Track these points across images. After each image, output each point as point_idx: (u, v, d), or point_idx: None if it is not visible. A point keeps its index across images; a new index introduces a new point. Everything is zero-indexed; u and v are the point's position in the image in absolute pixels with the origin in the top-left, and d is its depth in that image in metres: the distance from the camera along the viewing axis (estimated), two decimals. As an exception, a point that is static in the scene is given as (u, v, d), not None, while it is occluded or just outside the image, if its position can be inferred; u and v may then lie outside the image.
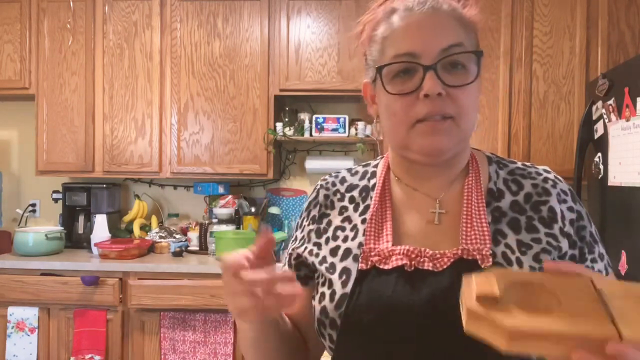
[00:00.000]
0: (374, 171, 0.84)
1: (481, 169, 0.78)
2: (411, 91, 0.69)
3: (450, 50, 0.69)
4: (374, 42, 0.76)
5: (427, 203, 0.77)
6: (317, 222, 0.82)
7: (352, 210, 0.81)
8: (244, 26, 2.85)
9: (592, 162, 2.16)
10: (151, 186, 3.25)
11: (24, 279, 2.57)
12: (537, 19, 2.70)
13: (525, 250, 0.70)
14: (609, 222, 2.06)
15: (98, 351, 2.54)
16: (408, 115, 0.70)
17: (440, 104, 0.68)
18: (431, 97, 0.68)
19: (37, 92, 2.93)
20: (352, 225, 0.79)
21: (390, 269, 0.70)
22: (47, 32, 2.92)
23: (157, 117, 2.89)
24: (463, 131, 0.71)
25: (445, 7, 0.72)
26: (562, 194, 0.75)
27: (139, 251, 2.75)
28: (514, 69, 2.72)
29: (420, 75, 0.69)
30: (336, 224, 0.80)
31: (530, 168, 0.79)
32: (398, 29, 0.72)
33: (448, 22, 0.71)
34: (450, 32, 0.70)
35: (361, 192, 0.82)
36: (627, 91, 1.87)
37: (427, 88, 0.67)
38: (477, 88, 0.72)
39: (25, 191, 3.33)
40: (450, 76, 0.69)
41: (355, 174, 0.85)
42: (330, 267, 0.76)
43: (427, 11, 0.71)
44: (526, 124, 2.71)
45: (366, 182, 0.83)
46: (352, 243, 0.77)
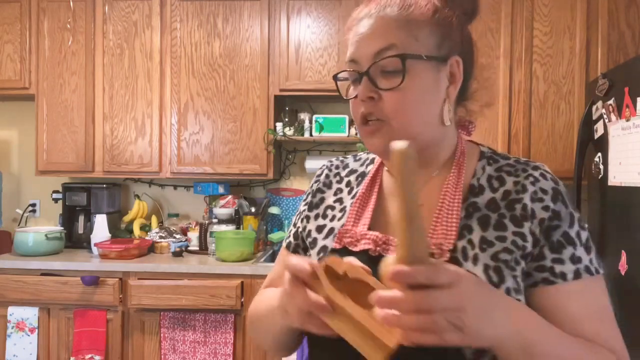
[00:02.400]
0: (374, 158, 0.88)
1: (468, 165, 0.79)
2: (355, 95, 0.74)
3: (380, 55, 0.72)
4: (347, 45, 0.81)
5: None
6: (313, 196, 0.89)
7: (345, 193, 0.86)
8: (244, 26, 2.85)
9: (592, 162, 2.16)
10: (151, 186, 3.26)
11: (24, 279, 2.57)
12: (537, 19, 2.70)
13: (486, 248, 0.70)
14: (609, 222, 2.06)
15: (98, 351, 2.54)
16: (355, 116, 0.76)
17: (372, 108, 0.72)
18: (365, 101, 0.72)
19: (37, 92, 2.93)
20: (342, 207, 0.84)
21: (358, 251, 0.74)
22: (47, 32, 2.92)
23: (157, 117, 2.89)
24: (401, 132, 0.71)
25: (388, 10, 0.73)
26: (539, 192, 0.73)
27: (139, 251, 2.75)
28: (514, 69, 2.72)
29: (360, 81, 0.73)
30: (328, 202, 0.86)
31: (522, 165, 0.78)
32: (350, 37, 0.77)
33: (385, 26, 0.72)
34: (382, 36, 0.72)
35: (358, 177, 0.86)
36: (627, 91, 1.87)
37: (359, 93, 0.73)
38: (421, 86, 0.72)
39: (25, 191, 3.33)
40: (384, 79, 0.72)
41: (358, 160, 0.90)
42: (312, 242, 0.83)
43: (370, 18, 0.74)
44: (526, 124, 2.71)
45: (364, 169, 0.87)
46: (337, 223, 0.82)
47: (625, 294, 1.90)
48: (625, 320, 1.89)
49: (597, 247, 2.15)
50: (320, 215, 0.85)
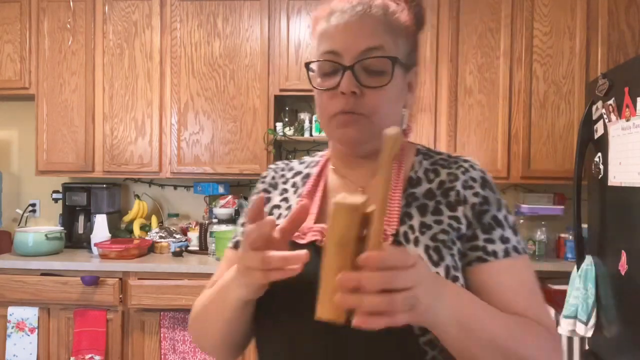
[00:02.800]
0: (319, 160, 0.92)
1: (406, 160, 0.86)
2: (332, 87, 0.76)
3: (368, 53, 0.75)
4: (315, 38, 0.83)
5: (352, 189, 0.84)
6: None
7: (291, 193, 0.89)
8: (244, 26, 2.85)
9: (592, 162, 2.16)
10: (151, 186, 3.25)
11: (24, 279, 2.57)
12: (537, 19, 2.70)
13: (425, 231, 0.77)
14: (609, 222, 2.06)
15: (98, 351, 2.54)
16: (329, 108, 0.78)
17: (354, 102, 0.75)
18: (347, 94, 0.75)
19: (37, 92, 2.93)
20: (288, 205, 0.87)
21: (305, 243, 0.77)
22: (47, 32, 2.92)
23: (157, 117, 2.89)
24: (378, 127, 0.76)
25: (374, 11, 0.77)
26: (470, 180, 0.81)
27: (139, 251, 2.75)
28: (514, 69, 2.72)
29: (340, 74, 0.75)
30: (275, 202, 0.88)
31: (453, 158, 0.86)
32: (330, 28, 0.78)
33: (374, 26, 0.77)
34: (372, 36, 0.76)
35: (303, 177, 0.90)
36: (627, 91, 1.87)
37: (342, 87, 0.75)
38: (396, 92, 0.79)
39: (25, 191, 3.33)
40: (368, 77, 0.75)
41: (302, 163, 0.94)
42: None
43: (356, 14, 0.77)
44: (526, 124, 2.71)
45: (309, 170, 0.91)
46: (283, 220, 0.82)
47: (625, 294, 1.90)
48: (626, 320, 1.89)
49: (597, 247, 2.16)
50: (267, 214, 0.86)
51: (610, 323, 1.99)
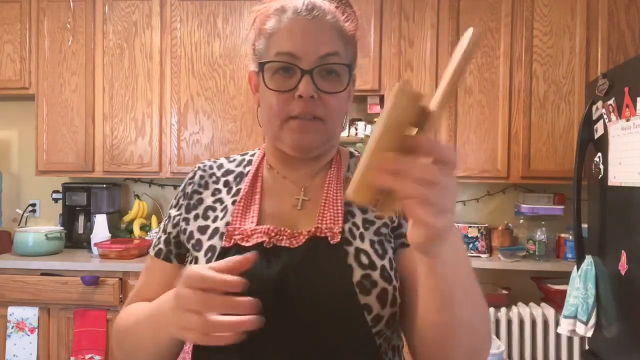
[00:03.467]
0: (251, 159, 0.91)
1: (343, 162, 0.89)
2: (288, 90, 0.76)
3: (326, 58, 0.76)
4: (261, 35, 0.82)
5: (293, 190, 0.85)
6: (189, 198, 0.88)
7: (225, 193, 0.86)
8: (243, 26, 2.85)
9: (592, 162, 2.16)
10: (151, 186, 3.26)
11: (24, 279, 2.57)
12: (537, 19, 2.70)
13: (368, 227, 0.79)
14: (609, 222, 2.06)
15: (98, 351, 2.54)
16: (283, 111, 0.77)
17: (312, 106, 0.76)
18: (305, 98, 0.75)
19: (37, 92, 2.92)
20: (222, 206, 0.84)
21: (250, 245, 0.76)
22: (47, 32, 2.92)
23: (157, 117, 2.89)
24: (330, 131, 0.80)
25: (329, 17, 0.79)
26: None
27: (139, 251, 2.75)
28: (514, 69, 2.72)
29: (297, 77, 0.76)
30: (207, 203, 0.86)
31: None
32: (284, 29, 0.78)
33: (329, 31, 0.78)
34: (329, 42, 0.77)
35: (236, 177, 0.88)
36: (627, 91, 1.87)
37: (302, 90, 0.75)
38: (347, 95, 0.81)
39: (25, 191, 3.33)
40: (324, 82, 0.76)
41: (232, 161, 0.92)
42: (196, 243, 0.82)
43: (312, 19, 0.77)
44: (526, 124, 2.71)
45: (242, 169, 0.90)
46: (220, 222, 0.82)
47: (625, 294, 1.90)
48: (626, 320, 1.89)
49: (597, 247, 2.16)
50: (200, 216, 0.85)
51: (610, 323, 1.99)
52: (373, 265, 0.75)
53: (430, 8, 2.75)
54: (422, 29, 2.77)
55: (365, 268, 0.74)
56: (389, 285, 0.74)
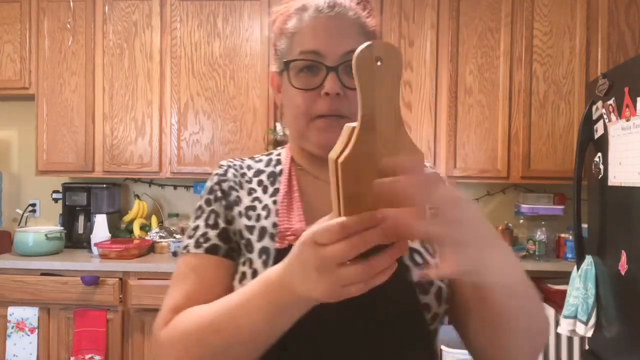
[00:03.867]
0: (279, 159, 0.89)
1: None
2: (314, 88, 0.75)
3: (351, 54, 0.75)
4: (283, 35, 0.81)
5: (327, 189, 0.83)
6: (227, 195, 0.83)
7: (261, 192, 0.84)
8: (243, 26, 2.85)
9: (592, 162, 2.16)
10: (151, 186, 3.25)
11: (24, 279, 2.57)
12: (537, 19, 2.70)
13: None
14: (609, 222, 2.06)
15: (98, 351, 2.54)
16: (309, 109, 0.76)
17: (338, 104, 0.75)
18: (331, 95, 0.74)
19: (37, 92, 2.93)
20: (262, 205, 0.81)
21: None
22: (47, 32, 2.92)
23: (157, 117, 2.89)
24: None
25: (351, 14, 0.78)
26: None
27: (139, 251, 2.75)
28: (514, 69, 2.72)
29: (323, 75, 0.75)
30: (247, 203, 0.82)
31: None
32: (306, 27, 0.77)
33: (352, 28, 0.77)
34: (352, 38, 0.76)
35: (269, 176, 0.86)
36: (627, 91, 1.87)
37: (328, 87, 0.74)
38: None
39: (25, 191, 3.33)
40: (349, 78, 0.74)
41: (259, 162, 0.90)
42: (247, 244, 0.78)
43: (335, 15, 0.77)
44: (526, 124, 2.71)
45: (272, 168, 0.87)
46: (266, 222, 0.79)
47: (625, 294, 1.90)
48: (626, 320, 1.89)
49: (597, 247, 2.16)
50: (243, 214, 0.81)
51: (610, 323, 1.99)
52: (427, 264, 0.76)
53: (430, 8, 2.75)
54: (422, 29, 2.77)
55: (420, 267, 0.75)
56: (442, 283, 0.75)
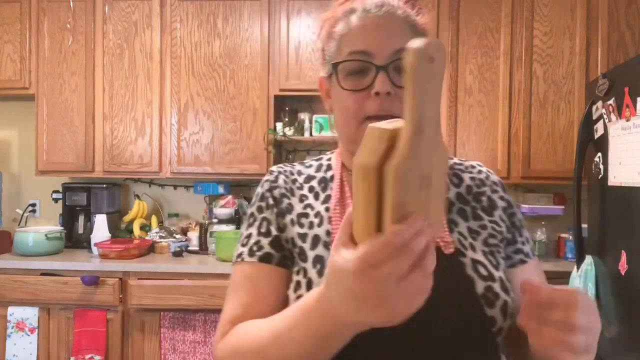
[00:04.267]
0: (329, 164, 0.87)
1: None
2: (363, 88, 0.74)
3: (400, 53, 0.72)
4: (332, 39, 0.81)
5: None
6: (278, 202, 0.81)
7: (312, 199, 0.81)
8: (244, 26, 2.85)
9: (592, 162, 2.16)
10: (151, 186, 3.25)
11: (24, 279, 2.57)
12: (537, 19, 2.70)
13: (476, 236, 0.77)
14: (609, 222, 2.06)
15: (98, 351, 2.54)
16: (359, 111, 0.74)
17: (389, 104, 0.73)
18: (381, 95, 0.72)
19: (37, 92, 2.92)
20: (315, 212, 0.79)
21: None
22: (47, 32, 2.92)
23: (157, 117, 2.89)
24: None
25: (400, 12, 0.77)
26: (494, 185, 0.84)
27: (139, 251, 2.75)
28: (514, 69, 2.72)
29: (372, 74, 0.73)
30: (298, 210, 0.80)
31: (466, 162, 0.88)
32: (355, 28, 0.76)
33: (401, 26, 0.76)
34: (402, 36, 0.74)
35: (320, 182, 0.84)
36: (627, 91, 1.87)
37: (378, 87, 0.72)
38: None
39: (25, 191, 3.33)
40: (400, 77, 0.73)
41: (309, 167, 0.88)
42: (301, 252, 0.76)
43: (383, 15, 0.75)
44: (526, 124, 2.71)
45: (323, 174, 0.85)
46: (319, 230, 0.77)
47: (625, 294, 1.90)
48: (626, 320, 1.89)
49: (597, 247, 2.16)
50: (295, 222, 0.79)
51: (610, 323, 1.99)
52: (492, 276, 0.72)
53: (430, 8, 2.75)
54: (422, 29, 2.76)
55: (485, 279, 0.72)
56: (508, 296, 0.72)
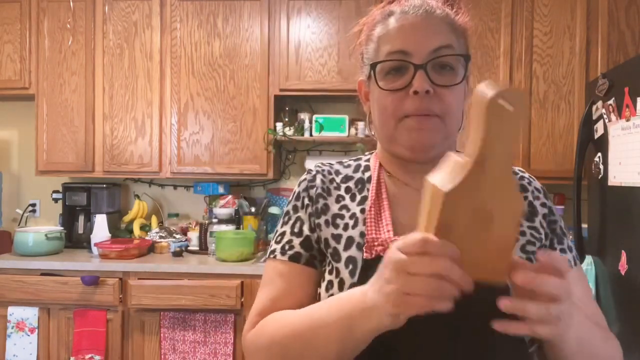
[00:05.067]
0: (367, 165, 0.86)
1: None
2: (402, 87, 0.73)
3: (439, 51, 0.73)
4: (370, 41, 0.80)
5: (417, 198, 0.79)
6: (315, 202, 0.82)
7: (349, 200, 0.81)
8: (244, 26, 2.85)
9: (592, 162, 2.16)
10: (151, 186, 3.25)
11: (24, 279, 2.57)
12: (537, 19, 2.70)
13: None
14: (609, 222, 2.06)
15: (98, 351, 2.54)
16: (397, 110, 0.74)
17: (428, 102, 0.72)
18: (420, 94, 0.72)
19: (37, 92, 2.92)
20: (350, 214, 0.79)
21: None
22: (47, 32, 2.92)
23: (157, 117, 2.89)
24: (448, 129, 0.75)
25: (439, 12, 0.77)
26: (535, 191, 0.83)
27: (139, 251, 2.75)
28: (514, 69, 2.72)
29: (411, 73, 0.73)
30: (334, 211, 0.81)
31: None
32: (393, 29, 0.76)
33: (440, 25, 0.76)
34: (440, 35, 0.75)
35: (357, 183, 0.83)
36: (627, 91, 1.87)
37: (417, 85, 0.71)
38: (463, 90, 0.78)
39: (25, 191, 3.33)
40: (438, 76, 0.73)
41: (348, 167, 0.87)
42: (334, 253, 0.77)
43: (421, 14, 0.76)
44: (526, 124, 2.71)
45: (360, 175, 0.85)
46: (353, 232, 0.77)
47: (625, 294, 1.90)
48: (626, 320, 1.89)
49: (597, 247, 2.16)
50: (330, 223, 0.79)
51: (610, 323, 1.99)
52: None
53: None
54: (422, 29, 2.76)
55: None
56: None
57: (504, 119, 0.50)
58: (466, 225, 0.52)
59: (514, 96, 0.50)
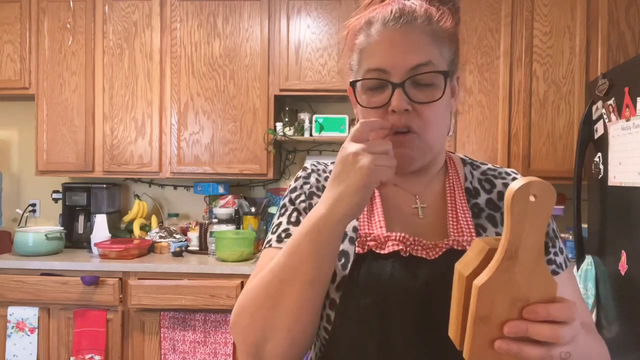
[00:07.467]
0: None
1: (458, 170, 0.86)
2: (381, 105, 0.75)
3: (418, 69, 0.73)
4: (354, 51, 0.81)
5: (408, 198, 0.82)
6: (309, 198, 0.84)
7: None
8: (244, 26, 2.85)
9: (592, 162, 2.16)
10: (151, 186, 3.25)
11: (24, 279, 2.57)
12: (537, 19, 2.70)
13: None
14: (609, 222, 2.06)
15: (98, 351, 2.54)
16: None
17: (406, 119, 0.73)
18: (398, 112, 0.73)
19: (37, 92, 2.93)
20: None
21: (386, 253, 0.74)
22: (47, 32, 2.92)
23: (157, 117, 2.89)
24: (427, 144, 0.76)
25: (419, 21, 0.75)
26: None
27: (139, 251, 2.75)
28: (514, 69, 2.72)
29: (389, 91, 0.73)
30: None
31: (500, 169, 0.88)
32: (373, 43, 0.76)
33: (420, 39, 0.74)
34: (419, 51, 0.74)
35: None
36: (627, 91, 1.87)
37: (394, 105, 0.73)
38: (446, 103, 0.77)
39: (25, 191, 3.33)
40: (418, 92, 0.74)
41: None
42: None
43: (401, 28, 0.74)
44: (526, 124, 2.71)
45: None
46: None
47: (625, 294, 1.90)
48: (626, 320, 1.89)
49: (597, 247, 2.16)
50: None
51: (610, 323, 1.99)
52: None
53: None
54: (422, 29, 2.76)
55: None
56: None
57: (528, 210, 0.54)
58: (505, 314, 0.56)
59: (538, 187, 0.54)
